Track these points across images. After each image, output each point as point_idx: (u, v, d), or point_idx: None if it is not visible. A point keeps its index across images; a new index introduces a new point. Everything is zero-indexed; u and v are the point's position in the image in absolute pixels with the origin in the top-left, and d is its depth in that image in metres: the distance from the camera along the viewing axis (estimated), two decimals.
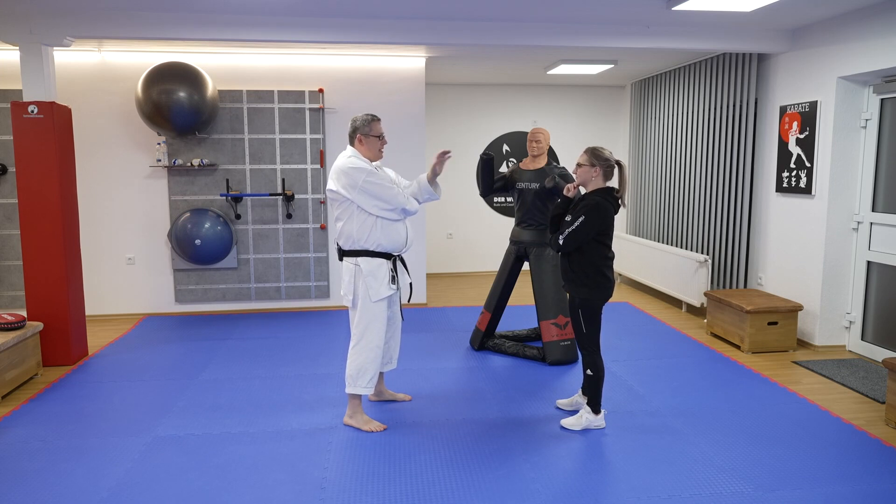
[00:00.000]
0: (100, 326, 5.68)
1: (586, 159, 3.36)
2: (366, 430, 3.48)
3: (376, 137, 3.45)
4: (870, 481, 2.94)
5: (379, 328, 3.45)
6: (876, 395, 3.95)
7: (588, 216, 3.26)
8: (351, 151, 3.45)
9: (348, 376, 3.47)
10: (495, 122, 8.14)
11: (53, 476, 3.00)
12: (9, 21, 4.41)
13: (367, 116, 3.45)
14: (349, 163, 3.35)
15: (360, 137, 3.43)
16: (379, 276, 3.40)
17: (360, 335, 3.44)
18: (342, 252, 3.46)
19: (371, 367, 3.45)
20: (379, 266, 3.41)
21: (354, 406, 3.54)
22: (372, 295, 3.38)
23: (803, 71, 4.99)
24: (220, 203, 6.01)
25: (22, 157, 4.47)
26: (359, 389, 3.46)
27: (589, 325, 3.40)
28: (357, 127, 3.44)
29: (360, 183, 3.30)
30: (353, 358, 3.45)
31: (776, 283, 5.38)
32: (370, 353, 3.44)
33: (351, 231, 3.38)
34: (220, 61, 5.88)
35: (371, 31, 4.77)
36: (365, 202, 3.32)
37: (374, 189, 3.31)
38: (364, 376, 3.44)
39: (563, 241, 3.32)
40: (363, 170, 3.32)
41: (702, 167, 6.20)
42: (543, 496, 2.81)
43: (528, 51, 5.79)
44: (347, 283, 3.43)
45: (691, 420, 3.60)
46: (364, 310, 3.42)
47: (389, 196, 3.34)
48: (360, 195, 3.31)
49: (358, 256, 3.40)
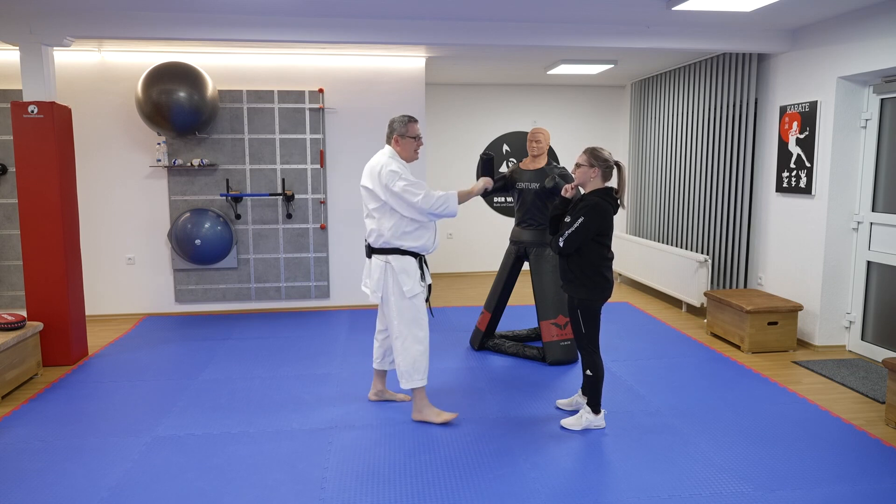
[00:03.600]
0: (100, 326, 5.68)
1: (585, 160, 3.36)
2: (438, 422, 3.52)
3: (413, 139, 3.49)
4: (870, 481, 2.93)
5: (423, 320, 3.50)
6: (876, 395, 3.95)
7: (587, 217, 3.26)
8: (388, 151, 3.48)
9: (403, 373, 3.49)
10: (495, 122, 8.13)
11: (53, 476, 3.00)
12: (9, 21, 4.41)
13: (405, 118, 3.48)
14: (387, 164, 3.37)
15: (397, 138, 3.47)
16: (410, 272, 3.45)
17: (405, 331, 3.46)
18: (371, 249, 3.48)
19: (423, 359, 3.49)
20: (409, 263, 3.45)
21: (421, 400, 3.56)
22: (407, 291, 3.42)
23: (803, 71, 4.99)
24: (220, 203, 6.01)
25: (22, 157, 4.47)
26: (415, 383, 3.49)
27: (588, 326, 3.39)
28: (394, 128, 3.47)
29: (396, 188, 3.32)
30: (403, 354, 3.48)
31: (776, 283, 5.38)
32: (419, 345, 3.48)
33: (383, 230, 3.41)
34: (220, 61, 5.88)
35: (371, 31, 4.77)
36: (399, 206, 3.35)
37: (409, 196, 3.33)
38: (419, 370, 3.48)
39: (563, 244, 3.31)
40: (400, 174, 3.34)
41: (702, 167, 6.20)
42: (543, 496, 2.81)
43: (528, 51, 5.79)
44: (377, 280, 3.47)
45: (691, 420, 3.60)
46: (403, 306, 3.45)
47: (424, 203, 3.34)
48: (394, 199, 3.34)
49: (389, 254, 3.43)
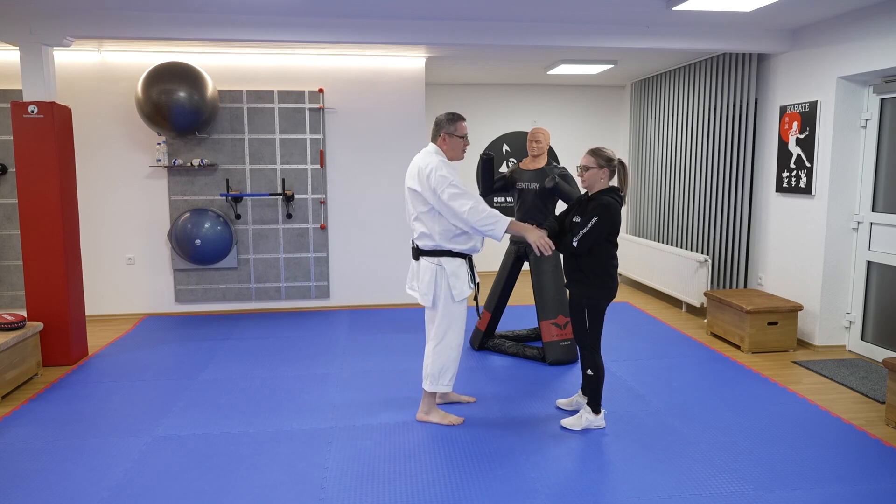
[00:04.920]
0: (100, 326, 5.68)
1: (594, 162, 3.33)
2: (445, 423, 3.51)
3: (461, 138, 3.40)
4: (870, 481, 2.93)
5: (460, 328, 3.46)
6: (876, 395, 3.95)
7: (601, 217, 3.25)
8: (434, 150, 3.37)
9: (430, 375, 3.46)
10: (495, 122, 8.13)
11: (53, 476, 2.99)
12: (9, 21, 4.41)
13: (452, 115, 3.39)
14: (437, 168, 3.25)
15: (445, 136, 3.38)
16: (461, 275, 3.39)
17: (441, 335, 3.43)
18: (420, 252, 3.41)
19: (452, 365, 3.48)
20: (460, 266, 3.39)
21: (430, 403, 3.55)
22: (455, 295, 3.37)
23: (803, 71, 4.99)
24: (220, 203, 6.01)
25: (22, 157, 4.47)
26: (440, 388, 3.48)
27: (593, 326, 3.39)
28: (441, 125, 3.39)
29: (445, 195, 3.22)
30: (435, 357, 3.45)
31: (776, 283, 5.38)
32: (452, 351, 3.45)
33: (433, 233, 3.34)
34: (220, 61, 5.88)
35: (371, 31, 4.77)
36: (445, 212, 3.27)
37: (456, 206, 3.22)
38: (446, 375, 3.47)
39: (577, 244, 3.28)
40: (450, 180, 3.23)
41: (702, 167, 6.20)
42: (543, 496, 2.81)
43: (528, 51, 5.79)
44: (428, 282, 3.37)
45: (691, 420, 3.60)
46: (446, 310, 3.40)
47: (470, 216, 3.22)
48: (442, 205, 3.25)
49: (440, 256, 3.36)
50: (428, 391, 3.51)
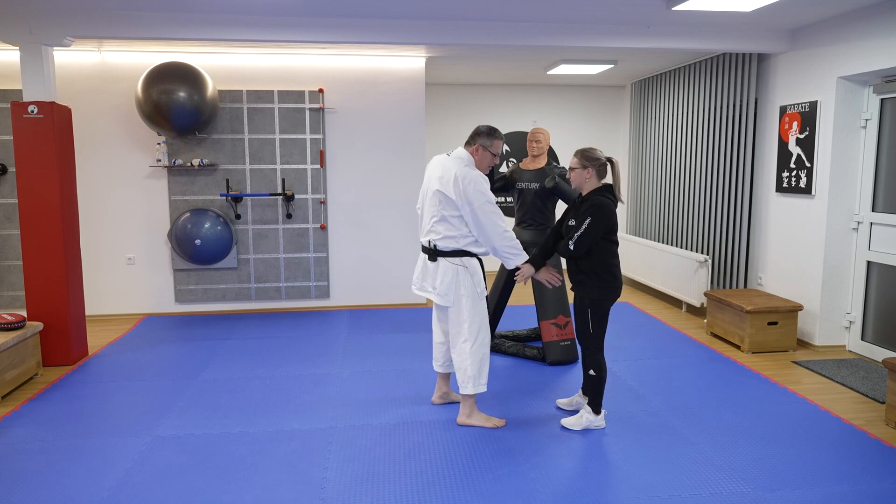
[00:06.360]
0: (100, 326, 5.68)
1: (577, 162, 3.36)
2: (489, 426, 3.50)
3: (493, 155, 3.46)
4: (870, 481, 2.93)
5: (488, 325, 3.49)
6: (876, 395, 3.95)
7: (595, 217, 3.26)
8: (466, 158, 3.40)
9: (468, 377, 3.43)
10: (495, 122, 8.12)
11: (53, 476, 2.99)
12: (9, 21, 4.41)
13: (493, 130, 3.43)
14: (474, 179, 3.29)
15: (479, 147, 3.42)
16: (479, 273, 3.45)
17: (475, 334, 3.43)
18: (439, 252, 3.41)
19: (486, 364, 3.48)
20: (477, 264, 3.45)
21: (471, 405, 3.53)
22: (480, 292, 3.42)
23: (803, 71, 4.99)
24: (220, 203, 6.01)
25: (22, 157, 4.47)
26: (479, 388, 3.46)
27: (597, 326, 3.38)
28: (479, 135, 3.42)
29: (481, 210, 3.27)
30: (473, 358, 3.43)
31: (776, 283, 5.38)
32: (485, 349, 3.47)
33: (457, 235, 3.37)
34: (220, 61, 5.88)
35: (371, 31, 4.77)
36: (473, 223, 3.31)
37: (489, 222, 3.29)
38: (483, 374, 3.46)
39: (573, 246, 3.29)
40: (487, 197, 3.29)
41: (702, 167, 6.20)
42: (544, 496, 2.81)
43: (528, 51, 5.79)
44: (449, 283, 3.39)
45: (691, 420, 3.60)
46: (475, 308, 3.42)
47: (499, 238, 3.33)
48: (473, 216, 3.29)
49: (461, 257, 3.40)
50: (469, 395, 3.48)
